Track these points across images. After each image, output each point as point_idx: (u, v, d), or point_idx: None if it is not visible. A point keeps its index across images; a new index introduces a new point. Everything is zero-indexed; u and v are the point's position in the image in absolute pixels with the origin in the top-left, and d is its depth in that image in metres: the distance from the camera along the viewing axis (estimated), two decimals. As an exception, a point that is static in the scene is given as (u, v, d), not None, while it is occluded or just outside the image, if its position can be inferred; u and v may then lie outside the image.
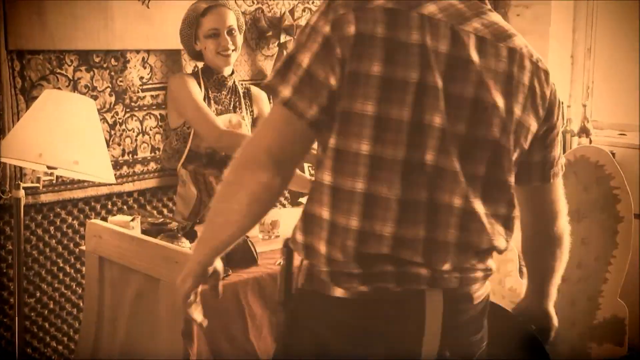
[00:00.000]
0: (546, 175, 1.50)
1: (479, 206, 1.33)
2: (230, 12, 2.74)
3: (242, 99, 2.84)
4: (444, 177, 1.30)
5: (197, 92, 2.73)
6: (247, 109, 2.86)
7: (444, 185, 1.30)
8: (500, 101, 1.33)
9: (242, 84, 2.91)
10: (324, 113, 1.30)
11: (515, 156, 1.38)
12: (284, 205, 3.64)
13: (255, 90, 2.93)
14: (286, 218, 2.77)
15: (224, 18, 2.70)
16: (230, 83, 2.81)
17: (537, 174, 1.49)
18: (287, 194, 3.62)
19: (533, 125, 1.40)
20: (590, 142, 3.76)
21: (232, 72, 2.85)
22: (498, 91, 1.33)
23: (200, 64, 2.88)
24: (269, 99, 2.95)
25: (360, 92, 1.28)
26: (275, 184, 1.33)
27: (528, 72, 1.39)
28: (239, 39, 2.76)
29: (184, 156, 2.79)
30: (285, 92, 1.30)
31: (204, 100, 2.73)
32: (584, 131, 3.80)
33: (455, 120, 1.30)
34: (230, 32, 2.71)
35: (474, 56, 1.32)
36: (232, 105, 2.81)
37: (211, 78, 2.77)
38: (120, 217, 2.33)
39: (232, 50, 2.73)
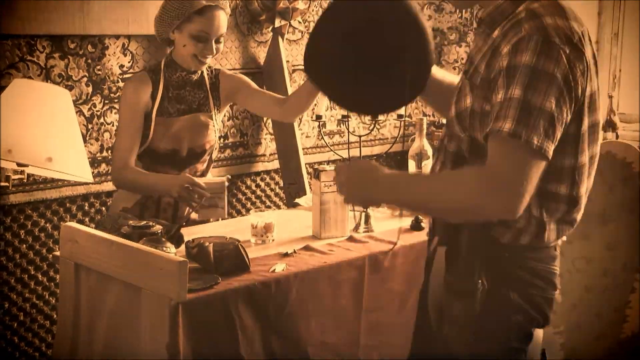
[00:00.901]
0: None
1: None
2: (224, 16, 2.65)
3: (209, 93, 2.78)
4: None
5: (143, 101, 2.66)
6: (215, 104, 2.80)
7: None
8: None
9: (209, 71, 2.79)
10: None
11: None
12: (279, 207, 3.65)
13: (224, 74, 2.82)
14: (281, 220, 2.79)
15: (218, 24, 2.62)
16: (196, 77, 2.75)
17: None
18: (282, 195, 3.63)
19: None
20: (617, 137, 3.77)
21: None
22: None
23: (164, 52, 2.77)
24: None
25: (585, 113, 1.64)
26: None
27: None
28: (222, 44, 2.70)
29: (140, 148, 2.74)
30: (536, 140, 1.54)
31: (162, 99, 2.68)
32: (610, 125, 3.82)
33: None
34: (218, 39, 2.66)
35: None
36: (197, 103, 2.76)
37: (174, 74, 2.71)
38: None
39: (213, 56, 2.70)
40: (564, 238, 1.76)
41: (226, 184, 2.64)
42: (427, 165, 2.87)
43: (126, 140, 2.65)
